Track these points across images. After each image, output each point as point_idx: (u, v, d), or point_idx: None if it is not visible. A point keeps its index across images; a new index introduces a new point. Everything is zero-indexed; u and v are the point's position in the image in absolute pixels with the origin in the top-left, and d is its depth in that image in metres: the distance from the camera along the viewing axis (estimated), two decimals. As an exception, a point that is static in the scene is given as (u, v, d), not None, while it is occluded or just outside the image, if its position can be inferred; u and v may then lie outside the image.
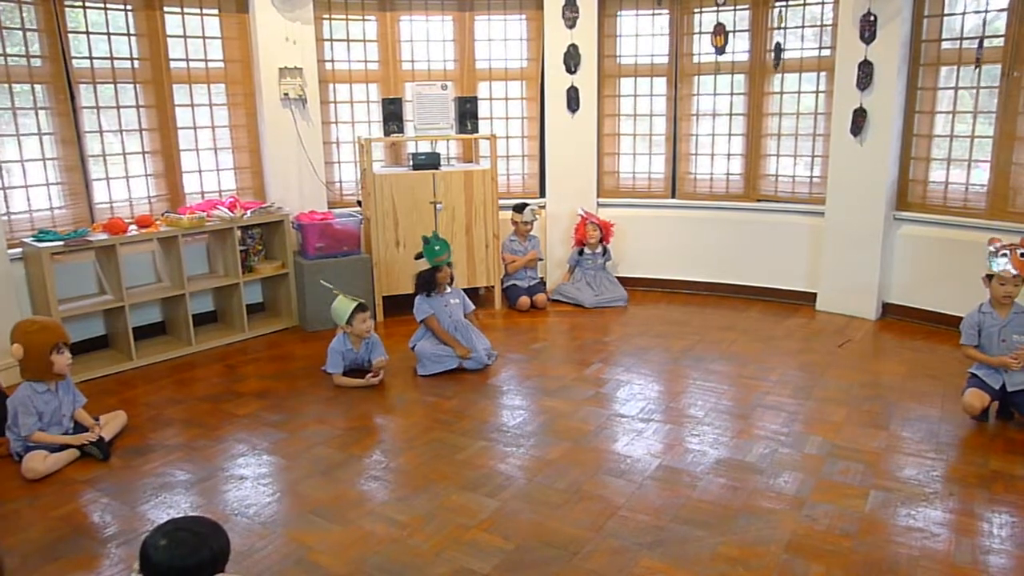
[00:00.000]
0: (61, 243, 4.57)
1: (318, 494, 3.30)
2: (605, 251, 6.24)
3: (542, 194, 6.54)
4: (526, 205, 6.18)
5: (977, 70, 4.98)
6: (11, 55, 4.67)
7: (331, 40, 6.02)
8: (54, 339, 3.63)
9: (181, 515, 3.08)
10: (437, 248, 4.76)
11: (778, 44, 5.64)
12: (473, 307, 5.01)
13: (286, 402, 4.31)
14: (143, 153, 5.34)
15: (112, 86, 5.14)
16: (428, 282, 4.78)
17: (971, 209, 5.21)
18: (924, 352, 4.92)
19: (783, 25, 5.65)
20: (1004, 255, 3.70)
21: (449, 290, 4.85)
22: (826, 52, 5.64)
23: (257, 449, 3.74)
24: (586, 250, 6.20)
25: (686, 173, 6.41)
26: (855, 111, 5.36)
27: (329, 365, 4.57)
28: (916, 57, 5.28)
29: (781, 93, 5.92)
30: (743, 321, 5.66)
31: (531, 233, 6.24)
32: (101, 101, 5.10)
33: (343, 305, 4.56)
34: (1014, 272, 3.68)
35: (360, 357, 4.65)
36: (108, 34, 5.08)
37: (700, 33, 6.07)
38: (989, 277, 3.81)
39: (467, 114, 5.87)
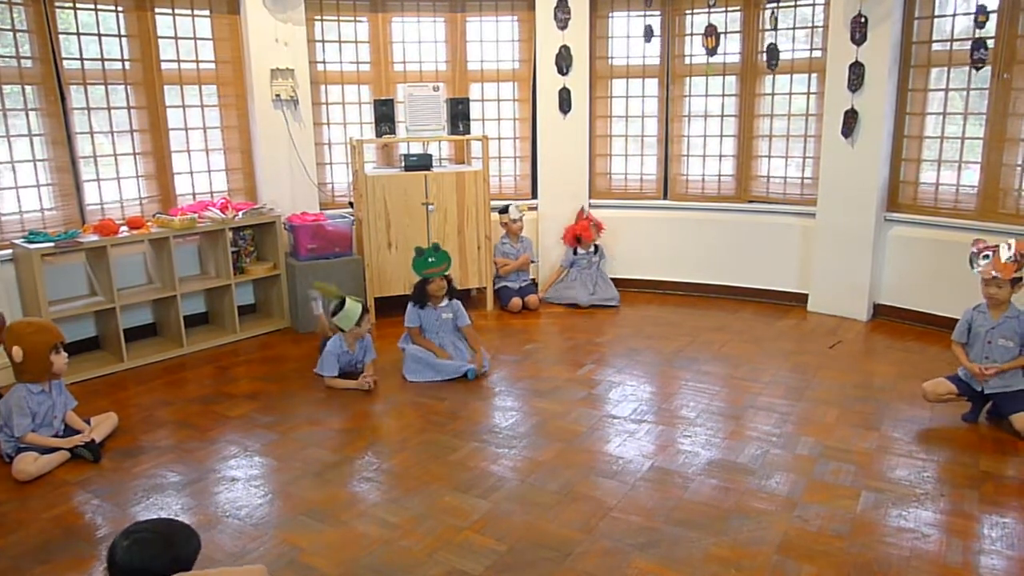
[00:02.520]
0: (52, 244, 4.54)
1: (310, 495, 3.29)
2: (597, 249, 6.26)
3: (534, 195, 6.54)
4: (510, 205, 6.17)
5: (970, 71, 5.00)
6: (1, 56, 4.66)
7: (323, 41, 6.02)
8: (52, 339, 3.65)
9: (164, 517, 3.07)
10: (431, 260, 4.65)
11: (772, 45, 5.65)
12: (468, 321, 4.79)
13: (278, 403, 4.31)
14: (134, 154, 5.32)
15: (103, 87, 5.12)
16: (419, 295, 4.69)
17: (961, 210, 5.23)
18: (915, 353, 4.93)
19: (775, 26, 5.65)
20: (986, 256, 3.69)
21: (445, 303, 4.72)
22: (817, 53, 5.67)
23: (249, 451, 3.73)
24: (579, 249, 6.20)
25: (678, 174, 6.42)
26: (846, 112, 5.38)
27: (325, 368, 4.55)
28: (907, 59, 5.30)
29: (772, 94, 5.94)
30: (735, 322, 5.67)
31: (523, 234, 6.23)
32: (92, 102, 5.08)
33: (353, 309, 4.50)
34: (995, 273, 3.66)
35: (354, 359, 4.64)
36: (99, 35, 5.06)
37: (692, 34, 6.09)
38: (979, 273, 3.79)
39: (459, 115, 5.87)
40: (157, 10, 5.27)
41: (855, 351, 5.02)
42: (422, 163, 5.77)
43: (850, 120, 5.36)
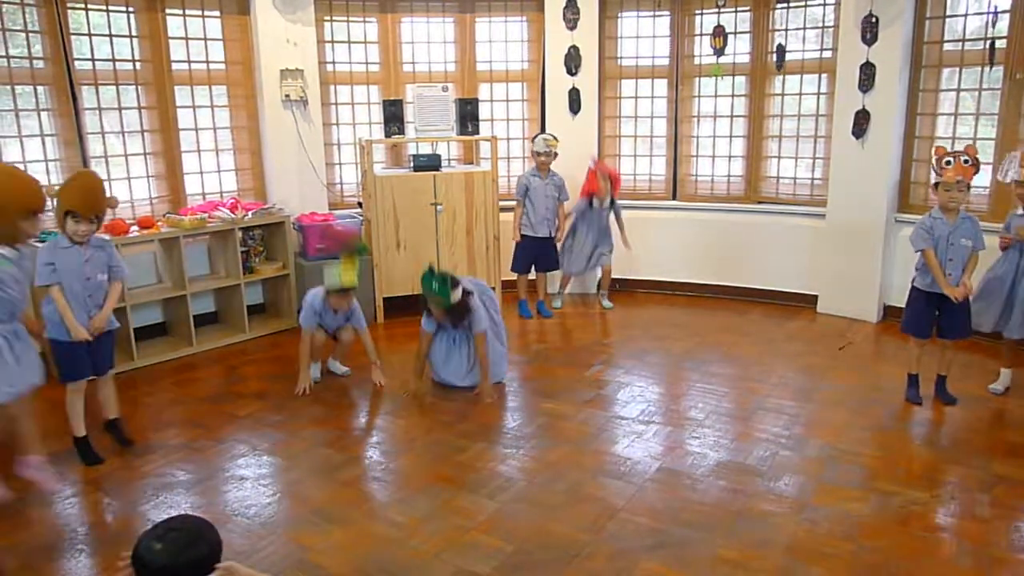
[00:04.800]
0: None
1: (318, 495, 3.30)
2: (613, 203, 5.99)
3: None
4: (539, 136, 5.78)
5: (982, 72, 4.98)
6: (14, 57, 4.69)
7: (332, 42, 6.03)
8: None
9: (176, 515, 3.08)
10: (434, 287, 4.18)
11: (780, 45, 5.63)
12: (482, 328, 4.32)
13: (287, 403, 4.32)
14: (145, 154, 5.35)
15: (114, 87, 5.15)
16: (425, 308, 4.35)
17: (973, 212, 5.16)
18: (925, 355, 4.89)
19: (784, 26, 5.64)
20: (948, 162, 3.89)
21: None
22: (827, 54, 5.64)
23: (257, 450, 3.74)
24: (595, 202, 5.94)
25: (687, 175, 6.41)
26: (857, 113, 5.36)
27: (302, 318, 4.43)
28: (918, 59, 5.27)
29: (782, 95, 5.92)
30: (744, 323, 5.66)
31: (555, 171, 5.85)
32: (103, 102, 5.11)
33: (331, 275, 4.34)
34: (959, 178, 3.89)
35: (338, 321, 4.53)
36: (110, 36, 5.09)
37: (701, 35, 6.08)
38: (936, 186, 4.00)
39: (468, 116, 5.88)
40: (168, 11, 5.29)
41: (865, 353, 5.00)
42: (431, 163, 5.78)
43: (862, 120, 5.34)
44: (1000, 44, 4.87)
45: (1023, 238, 4.07)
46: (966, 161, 3.89)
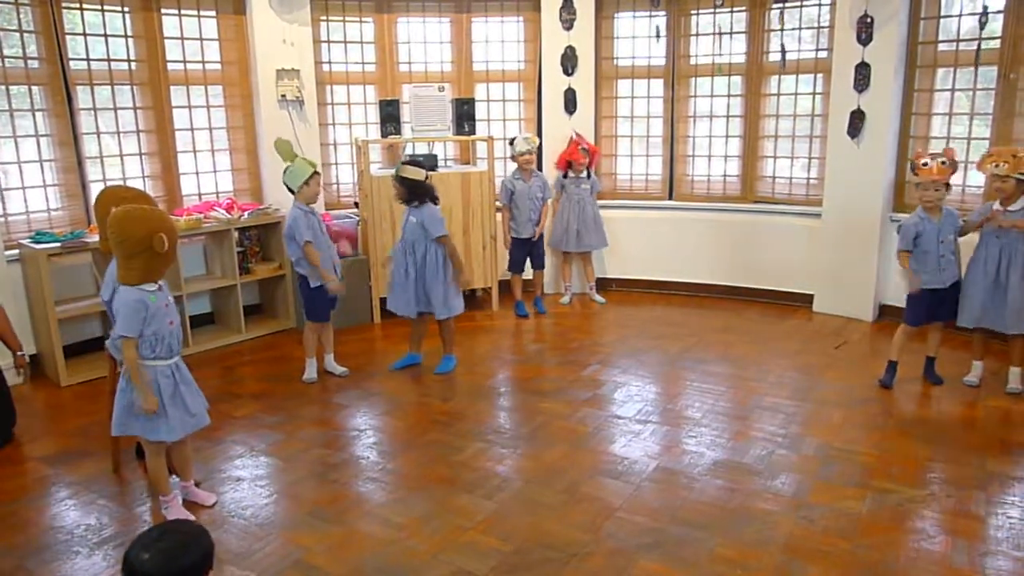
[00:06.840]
0: (58, 245, 4.56)
1: (315, 495, 3.30)
2: (590, 176, 6.07)
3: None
4: (517, 136, 5.87)
5: (976, 72, 4.99)
6: (8, 57, 4.67)
7: (328, 42, 6.03)
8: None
9: (164, 522, 3.08)
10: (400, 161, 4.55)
11: (782, 45, 5.62)
12: (440, 232, 4.53)
13: (283, 403, 4.31)
14: (140, 155, 5.34)
15: (109, 88, 5.14)
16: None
17: (968, 211, 5.19)
18: (921, 354, 4.89)
19: (781, 27, 5.65)
20: (926, 163, 4.07)
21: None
22: (823, 54, 5.65)
23: (254, 450, 3.73)
24: (571, 173, 6.01)
25: (683, 175, 6.41)
26: (852, 113, 5.37)
27: (303, 233, 4.42)
28: (913, 59, 5.29)
29: (778, 95, 5.93)
30: (740, 323, 5.66)
31: (535, 170, 5.93)
32: (98, 103, 5.10)
33: (302, 168, 4.38)
34: (935, 178, 4.06)
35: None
36: (105, 36, 5.08)
37: (697, 35, 6.09)
38: (917, 185, 4.19)
39: (464, 116, 5.88)
40: (163, 11, 5.28)
41: (861, 352, 5.01)
42: (427, 164, 5.76)
43: (857, 121, 5.35)
44: (994, 44, 4.88)
45: (1001, 226, 4.05)
46: (943, 163, 4.04)
